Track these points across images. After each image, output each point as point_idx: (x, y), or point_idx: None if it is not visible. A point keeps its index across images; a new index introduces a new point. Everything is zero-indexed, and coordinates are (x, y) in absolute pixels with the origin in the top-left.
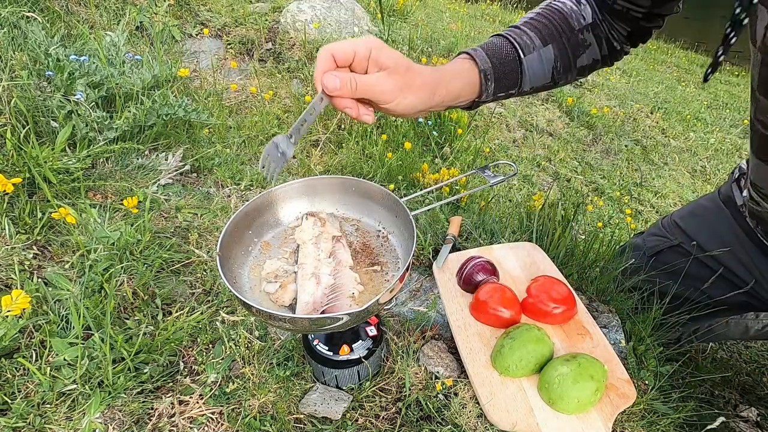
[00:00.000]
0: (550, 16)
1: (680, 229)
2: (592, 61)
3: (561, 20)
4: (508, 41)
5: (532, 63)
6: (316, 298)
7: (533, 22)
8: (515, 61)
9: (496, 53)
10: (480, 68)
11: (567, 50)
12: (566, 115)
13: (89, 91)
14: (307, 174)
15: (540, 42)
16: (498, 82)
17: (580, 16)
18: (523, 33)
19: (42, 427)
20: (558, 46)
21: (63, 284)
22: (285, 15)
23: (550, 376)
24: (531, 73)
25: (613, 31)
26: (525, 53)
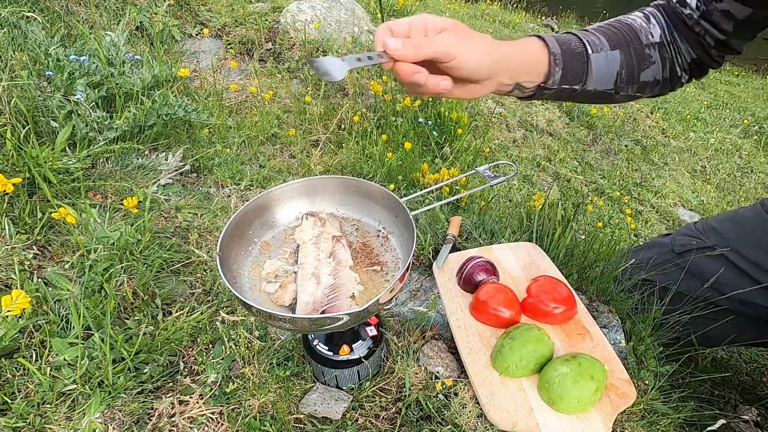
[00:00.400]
0: (619, 26)
1: (716, 233)
2: (654, 79)
3: (630, 31)
4: (576, 37)
5: (599, 62)
6: (316, 298)
7: (602, 28)
8: (583, 55)
9: (565, 43)
10: (550, 50)
11: (633, 60)
12: (566, 115)
13: (89, 91)
14: (307, 174)
15: (608, 45)
16: (565, 71)
17: (648, 32)
18: (591, 34)
19: (42, 427)
20: (625, 53)
21: (63, 284)
22: (285, 15)
23: (550, 376)
24: (596, 72)
25: (678, 56)
26: (593, 50)
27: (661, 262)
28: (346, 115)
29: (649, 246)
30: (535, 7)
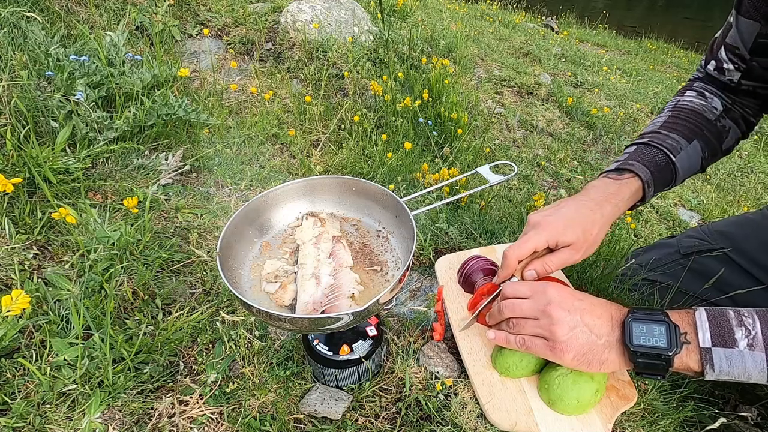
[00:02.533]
0: (684, 116)
1: (724, 236)
2: (735, 140)
3: (695, 116)
4: (656, 148)
5: (683, 161)
6: (316, 298)
7: (671, 124)
8: (668, 165)
9: (651, 162)
10: (644, 180)
11: (711, 140)
12: (566, 115)
13: (89, 91)
14: (307, 174)
15: (685, 141)
16: (656, 186)
17: (711, 108)
18: (666, 137)
19: (42, 427)
20: (702, 139)
21: (63, 284)
22: (285, 15)
23: (550, 376)
24: (683, 169)
25: (746, 109)
26: (674, 155)
27: (667, 263)
28: (346, 115)
29: (653, 247)
30: (535, 7)
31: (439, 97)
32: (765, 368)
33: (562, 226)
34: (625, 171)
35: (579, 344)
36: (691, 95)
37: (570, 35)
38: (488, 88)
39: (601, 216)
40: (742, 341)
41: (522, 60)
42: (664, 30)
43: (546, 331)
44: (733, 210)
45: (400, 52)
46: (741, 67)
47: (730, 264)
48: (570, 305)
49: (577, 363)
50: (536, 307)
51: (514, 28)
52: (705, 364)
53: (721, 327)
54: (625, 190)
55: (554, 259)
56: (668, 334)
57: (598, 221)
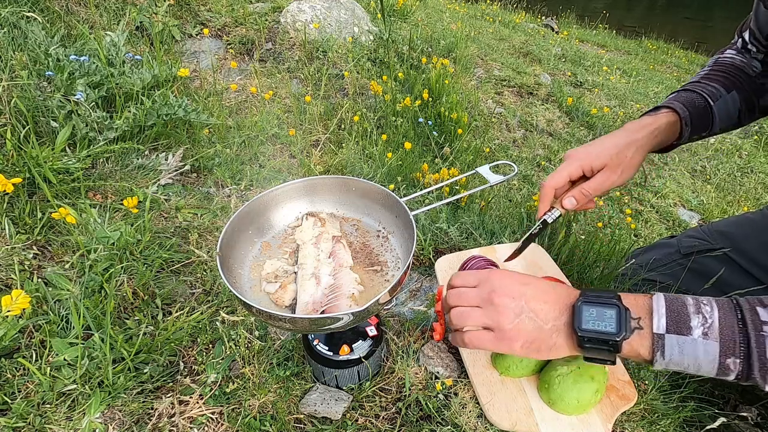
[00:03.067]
0: (725, 69)
1: (724, 236)
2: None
3: (736, 70)
4: (696, 93)
5: (721, 108)
6: (316, 298)
7: (712, 74)
8: (707, 108)
9: (690, 103)
10: (681, 116)
11: (750, 94)
12: (566, 115)
13: (89, 91)
14: (307, 174)
15: (725, 90)
16: (694, 127)
17: (751, 65)
18: (706, 85)
19: (42, 427)
20: (741, 91)
21: (63, 284)
22: (285, 15)
23: (550, 376)
24: (720, 117)
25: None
26: (713, 101)
27: (667, 263)
28: (346, 115)
29: (653, 247)
30: (535, 7)
31: (439, 97)
32: (716, 360)
33: (594, 151)
34: (662, 108)
35: (526, 332)
36: (732, 53)
37: (570, 35)
38: (488, 88)
39: (636, 139)
40: (697, 329)
41: (522, 60)
42: (664, 30)
43: (491, 320)
44: (733, 210)
45: (400, 52)
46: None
47: (730, 264)
48: (515, 291)
49: (525, 351)
50: (480, 296)
51: (514, 28)
52: (656, 351)
53: (677, 313)
54: (662, 120)
55: (591, 184)
56: (618, 318)
57: (633, 143)
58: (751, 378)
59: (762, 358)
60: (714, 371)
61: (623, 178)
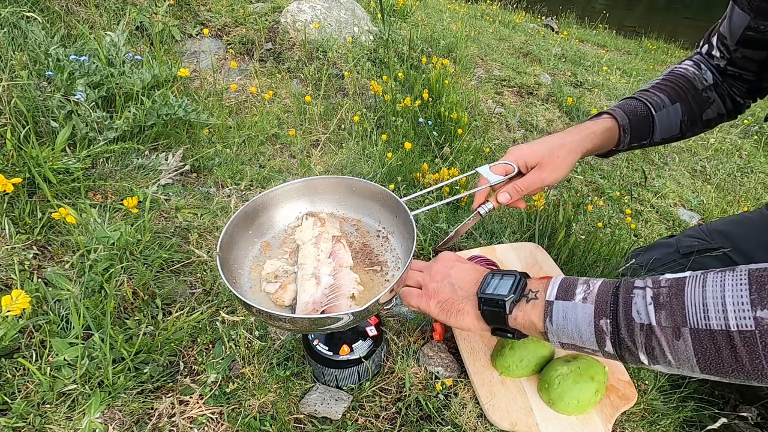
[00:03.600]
0: (675, 80)
1: (723, 236)
2: (717, 114)
3: (685, 82)
4: (640, 102)
5: (662, 118)
6: (315, 298)
7: (661, 85)
8: (647, 117)
9: (632, 111)
10: (620, 124)
11: (693, 107)
12: (566, 115)
13: (89, 91)
14: (307, 174)
15: (669, 101)
16: (633, 135)
17: (702, 78)
18: (653, 94)
19: (42, 427)
20: (685, 103)
21: (63, 284)
22: (285, 15)
23: (550, 376)
24: (661, 127)
25: (733, 89)
26: (656, 110)
27: (666, 263)
28: (346, 115)
29: (653, 247)
30: (535, 7)
31: (439, 97)
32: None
33: (528, 149)
34: (603, 114)
35: (443, 294)
36: (688, 64)
37: (570, 35)
38: (488, 88)
39: (570, 141)
40: (579, 295)
41: (522, 60)
42: (664, 30)
43: (423, 280)
44: (733, 210)
45: (400, 52)
46: (725, 56)
47: (729, 263)
48: (450, 264)
49: (438, 310)
50: (426, 265)
51: (514, 28)
52: (546, 317)
53: (567, 285)
54: (599, 124)
55: (523, 181)
56: (513, 284)
57: (566, 144)
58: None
59: (628, 316)
60: (593, 336)
61: (554, 177)
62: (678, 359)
